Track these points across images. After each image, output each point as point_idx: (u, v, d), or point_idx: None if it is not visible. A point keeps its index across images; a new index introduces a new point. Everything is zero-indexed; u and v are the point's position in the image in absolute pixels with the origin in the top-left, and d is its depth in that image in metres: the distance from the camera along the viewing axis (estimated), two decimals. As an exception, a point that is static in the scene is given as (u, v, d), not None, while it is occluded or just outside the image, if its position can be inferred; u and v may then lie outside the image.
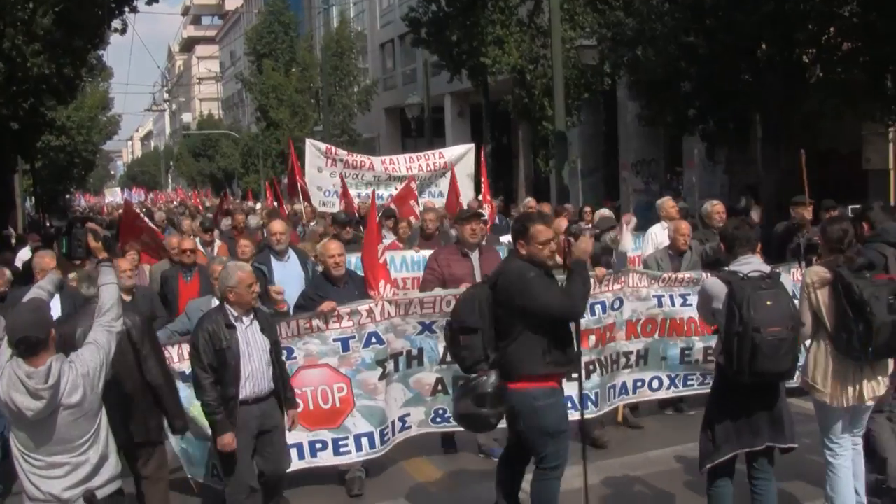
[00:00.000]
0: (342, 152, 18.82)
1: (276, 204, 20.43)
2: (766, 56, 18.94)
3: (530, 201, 16.25)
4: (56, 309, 8.11)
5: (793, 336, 6.02)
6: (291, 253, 10.47)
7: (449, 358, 7.93)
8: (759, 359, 5.88)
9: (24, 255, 16.35)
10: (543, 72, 25.84)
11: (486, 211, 14.14)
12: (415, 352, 8.34)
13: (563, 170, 21.56)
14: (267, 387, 7.00)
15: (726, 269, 6.45)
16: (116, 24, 25.23)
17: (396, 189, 17.35)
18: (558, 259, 6.68)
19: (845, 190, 19.14)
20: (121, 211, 41.95)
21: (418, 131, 35.76)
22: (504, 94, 28.83)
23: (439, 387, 8.44)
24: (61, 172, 53.90)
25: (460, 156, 17.96)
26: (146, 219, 14.60)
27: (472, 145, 18.69)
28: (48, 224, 36.27)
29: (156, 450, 7.03)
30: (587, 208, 17.02)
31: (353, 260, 9.79)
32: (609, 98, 30.25)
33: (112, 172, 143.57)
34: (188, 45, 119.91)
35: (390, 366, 8.25)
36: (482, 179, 16.47)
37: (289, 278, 9.87)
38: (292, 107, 49.14)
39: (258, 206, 25.39)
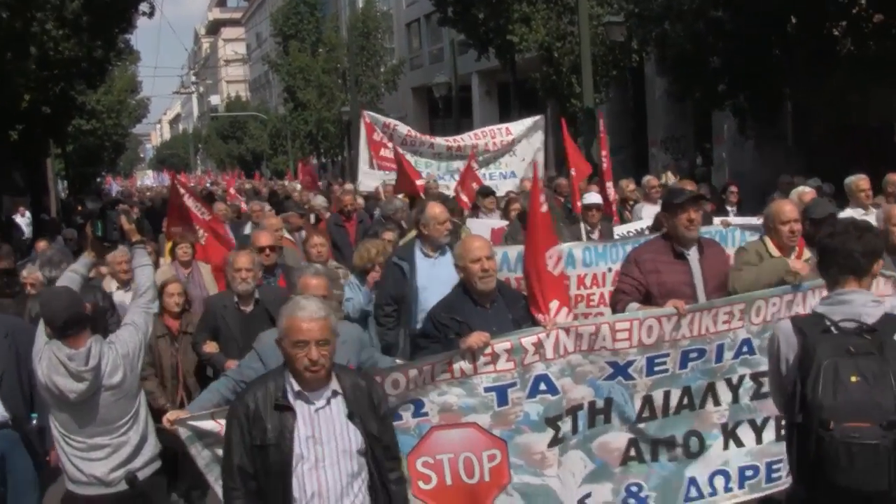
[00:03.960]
0: (402, 127, 17.32)
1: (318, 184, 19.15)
2: (795, 30, 18.77)
3: (652, 179, 13.57)
4: None
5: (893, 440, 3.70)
6: (447, 248, 7.53)
7: (647, 412, 5.81)
8: (829, 468, 3.78)
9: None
10: (571, 49, 25.63)
11: (599, 197, 11.22)
12: (600, 403, 5.76)
13: (592, 147, 21.41)
14: None
15: (817, 306, 4.25)
16: (144, 7, 25.34)
17: (459, 168, 15.80)
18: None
19: (876, 163, 18.98)
20: (150, 194, 42.21)
21: (446, 111, 35.66)
22: (531, 72, 28.64)
23: (632, 452, 5.87)
24: (92, 156, 54.46)
25: (528, 130, 16.93)
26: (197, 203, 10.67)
27: (541, 117, 17.77)
28: (79, 207, 36.48)
29: None
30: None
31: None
32: (637, 75, 30.04)
33: (142, 156, 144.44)
34: (214, 28, 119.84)
35: (566, 426, 5.65)
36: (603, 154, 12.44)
37: (437, 282, 7.02)
38: (319, 87, 49.05)
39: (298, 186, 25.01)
